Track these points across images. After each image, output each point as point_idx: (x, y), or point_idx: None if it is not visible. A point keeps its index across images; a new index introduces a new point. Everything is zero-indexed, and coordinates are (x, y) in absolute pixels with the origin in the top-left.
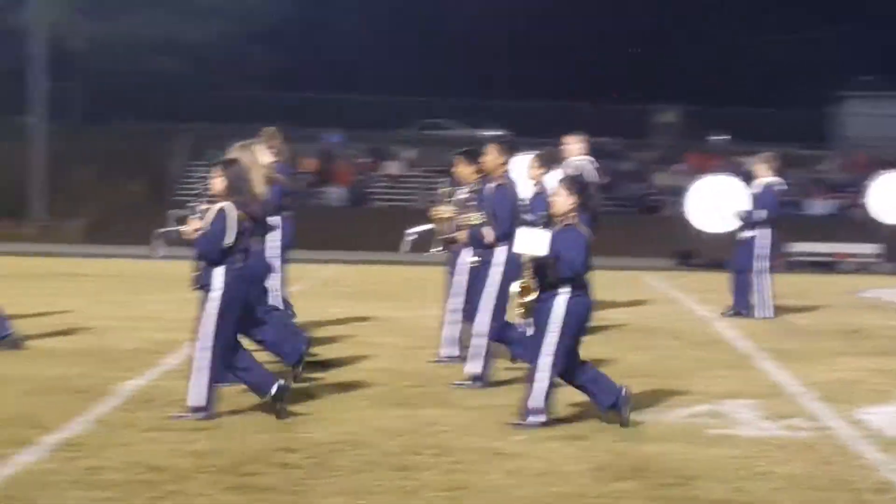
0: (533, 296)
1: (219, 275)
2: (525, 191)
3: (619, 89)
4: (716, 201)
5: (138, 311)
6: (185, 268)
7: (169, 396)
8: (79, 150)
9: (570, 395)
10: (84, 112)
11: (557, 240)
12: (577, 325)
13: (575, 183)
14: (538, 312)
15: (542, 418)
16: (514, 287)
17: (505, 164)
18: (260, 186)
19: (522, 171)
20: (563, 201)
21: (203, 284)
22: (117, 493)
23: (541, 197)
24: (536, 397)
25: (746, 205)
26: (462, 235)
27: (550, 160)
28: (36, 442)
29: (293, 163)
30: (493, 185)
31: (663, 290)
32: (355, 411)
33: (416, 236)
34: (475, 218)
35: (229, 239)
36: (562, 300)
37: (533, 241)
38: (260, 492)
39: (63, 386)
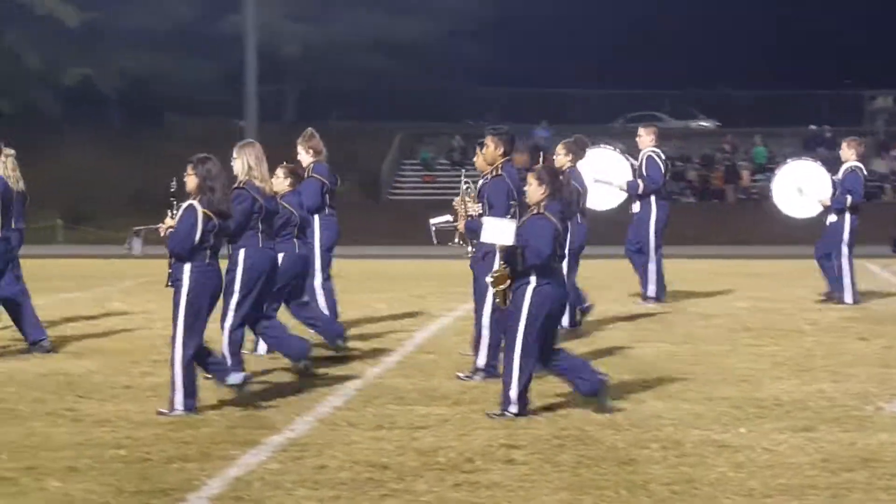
0: (507, 284)
1: (187, 271)
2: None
3: (833, 76)
4: None
5: (358, 310)
6: (403, 267)
7: (392, 393)
8: (291, 152)
9: (794, 387)
10: (296, 114)
11: (526, 229)
12: (545, 315)
13: (546, 173)
14: (513, 301)
15: (515, 409)
16: (489, 277)
17: (504, 155)
18: (267, 181)
19: (604, 161)
20: (535, 191)
21: (174, 280)
22: (343, 492)
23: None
24: (510, 387)
25: None
26: (461, 226)
27: (578, 149)
28: (261, 442)
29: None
30: (489, 176)
31: (885, 277)
32: (578, 406)
33: (434, 228)
34: (474, 209)
35: (196, 236)
36: (528, 291)
37: (499, 231)
38: (485, 489)
39: (287, 386)
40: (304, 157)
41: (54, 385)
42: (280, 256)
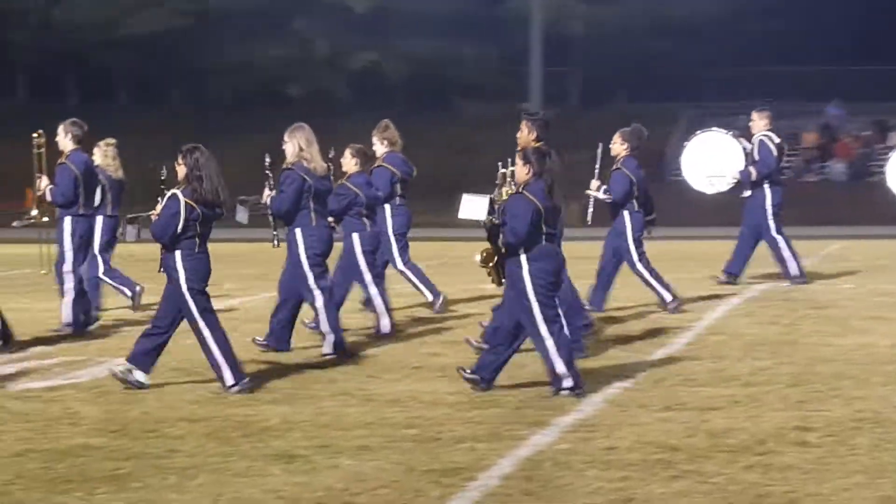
0: (494, 261)
1: (178, 260)
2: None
3: None
4: None
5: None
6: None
7: (681, 375)
8: (574, 135)
9: None
10: (579, 96)
11: (506, 207)
12: (545, 288)
13: (532, 153)
14: (509, 277)
15: (570, 382)
16: (476, 255)
17: (537, 140)
18: (318, 162)
19: (714, 147)
20: (520, 171)
21: (164, 268)
22: (633, 473)
23: (619, 174)
24: (556, 364)
25: None
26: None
27: (634, 138)
28: (550, 423)
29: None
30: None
31: None
32: (871, 388)
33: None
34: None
35: (179, 225)
36: (524, 273)
37: (474, 207)
38: (777, 471)
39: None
40: (379, 147)
41: (345, 366)
42: (355, 236)
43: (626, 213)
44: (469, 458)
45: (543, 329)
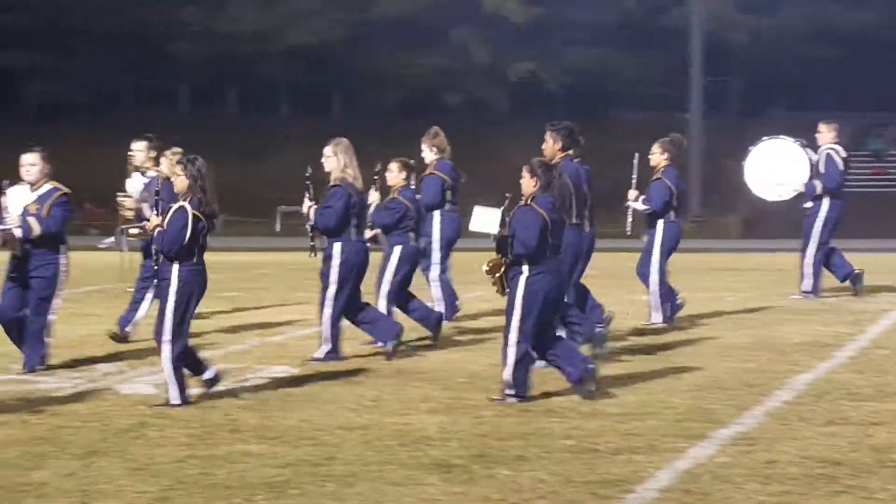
0: (501, 272)
1: (175, 270)
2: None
3: None
4: None
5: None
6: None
7: (844, 389)
8: (734, 145)
9: None
10: (740, 105)
11: (514, 219)
12: (540, 303)
13: (538, 166)
14: (509, 291)
15: (512, 392)
16: (484, 265)
17: (563, 150)
18: (358, 178)
19: (780, 156)
20: (527, 183)
21: (162, 278)
22: (794, 487)
23: (658, 184)
24: (507, 372)
25: None
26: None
27: (674, 147)
28: (709, 436)
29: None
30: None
31: None
32: None
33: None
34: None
35: (186, 238)
36: (521, 280)
37: (485, 219)
38: None
39: (734, 379)
40: (428, 154)
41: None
42: (397, 249)
43: (661, 223)
44: (627, 470)
45: (513, 337)
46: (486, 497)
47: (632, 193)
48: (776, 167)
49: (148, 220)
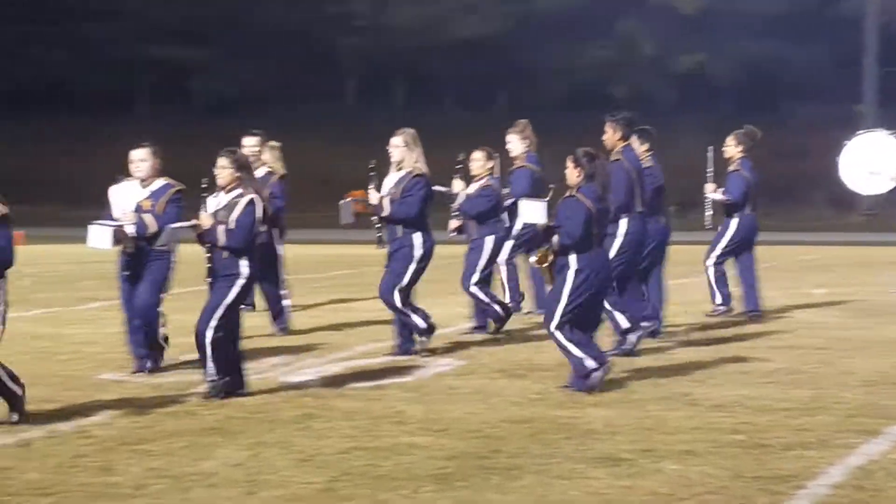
0: (549, 262)
1: (245, 264)
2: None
3: None
4: None
5: None
6: None
7: None
8: None
9: None
10: None
11: (559, 210)
12: (585, 294)
13: (582, 156)
14: (556, 280)
15: (593, 365)
16: (532, 256)
17: (623, 139)
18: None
19: (878, 148)
20: (571, 174)
21: (227, 274)
22: None
23: (736, 176)
24: (573, 356)
25: None
26: None
27: (748, 139)
28: (883, 432)
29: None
30: (610, 161)
31: None
32: None
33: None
34: None
35: (257, 229)
36: (570, 274)
37: (533, 211)
38: None
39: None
40: (518, 146)
41: (669, 370)
42: (490, 238)
43: (735, 217)
44: (797, 466)
45: (555, 323)
46: (653, 491)
47: (709, 186)
48: (872, 159)
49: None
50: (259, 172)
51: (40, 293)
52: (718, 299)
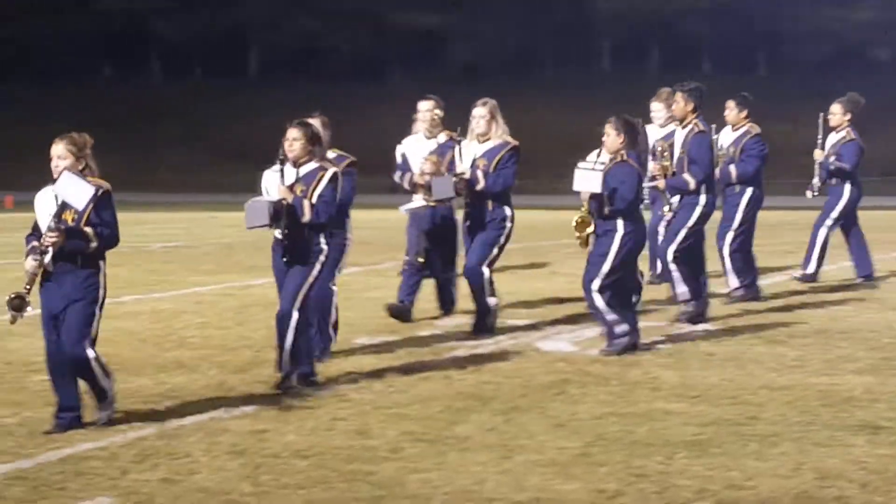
0: (591, 229)
1: (323, 241)
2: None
3: None
4: None
5: None
6: None
7: None
8: None
9: None
10: None
11: (611, 175)
12: (628, 258)
13: (623, 123)
14: (599, 244)
15: (624, 327)
16: (574, 221)
17: (695, 111)
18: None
19: None
20: (613, 140)
21: (311, 250)
22: None
23: (852, 144)
24: (607, 319)
25: None
26: (661, 184)
27: (854, 106)
28: None
29: None
30: (687, 131)
31: None
32: None
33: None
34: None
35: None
36: (616, 239)
37: (588, 180)
38: None
39: None
40: (661, 115)
41: None
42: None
43: (847, 183)
44: None
45: (596, 284)
46: None
47: (818, 153)
48: None
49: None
50: (441, 138)
51: None
52: (812, 268)
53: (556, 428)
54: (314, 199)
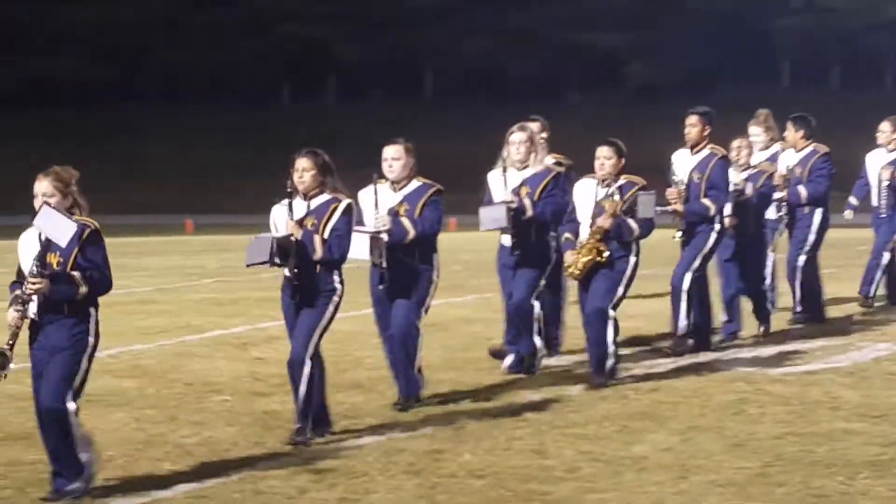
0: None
1: (336, 279)
2: None
3: None
4: None
5: None
6: None
7: None
8: None
9: None
10: None
11: (635, 202)
12: (632, 282)
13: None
14: (614, 270)
15: (613, 364)
16: (588, 244)
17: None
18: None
19: None
20: (616, 164)
21: (325, 289)
22: None
23: None
24: (605, 351)
25: None
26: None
27: None
28: None
29: None
30: (705, 156)
31: None
32: None
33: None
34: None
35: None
36: (631, 262)
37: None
38: None
39: None
40: (761, 137)
41: None
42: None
43: None
44: None
45: (613, 311)
46: None
47: (885, 173)
48: None
49: None
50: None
51: (473, 279)
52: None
53: (734, 448)
54: (326, 234)
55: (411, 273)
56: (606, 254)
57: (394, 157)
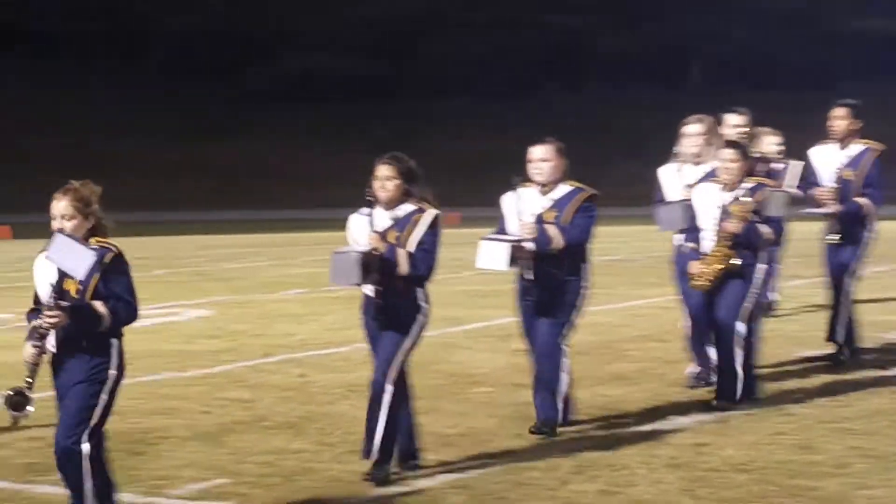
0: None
1: (423, 296)
2: None
3: None
4: None
5: None
6: None
7: None
8: None
9: None
10: None
11: (762, 205)
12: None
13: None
14: (744, 278)
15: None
16: (713, 255)
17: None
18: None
19: None
20: (742, 167)
21: (410, 308)
22: None
23: None
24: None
25: None
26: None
27: None
28: None
29: None
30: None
31: None
32: None
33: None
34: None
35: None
36: (759, 269)
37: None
38: None
39: None
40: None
41: None
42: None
43: None
44: None
45: (743, 328)
46: None
47: None
48: None
49: None
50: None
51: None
52: None
53: None
54: (412, 247)
55: (558, 285)
56: (737, 261)
57: (542, 157)
